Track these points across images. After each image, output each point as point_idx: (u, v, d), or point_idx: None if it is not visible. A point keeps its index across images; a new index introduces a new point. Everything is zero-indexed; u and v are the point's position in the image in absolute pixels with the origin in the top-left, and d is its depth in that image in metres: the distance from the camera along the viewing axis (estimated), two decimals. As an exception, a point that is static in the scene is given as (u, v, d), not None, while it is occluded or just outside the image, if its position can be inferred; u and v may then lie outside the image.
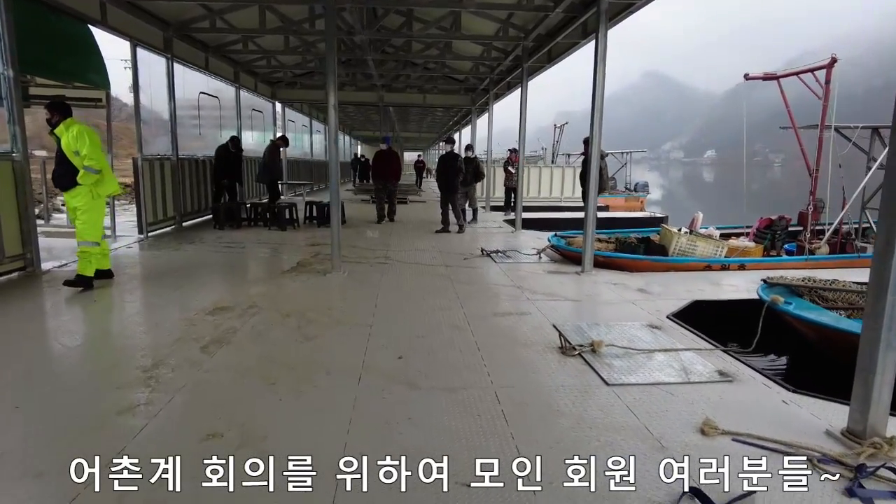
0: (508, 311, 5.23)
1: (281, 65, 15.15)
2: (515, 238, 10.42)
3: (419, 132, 36.54)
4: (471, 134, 18.29)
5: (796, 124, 8.36)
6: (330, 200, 6.80)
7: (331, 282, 6.43)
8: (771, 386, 3.59)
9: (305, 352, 4.04)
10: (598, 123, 6.87)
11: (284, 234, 10.28)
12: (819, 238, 8.08)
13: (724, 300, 5.89)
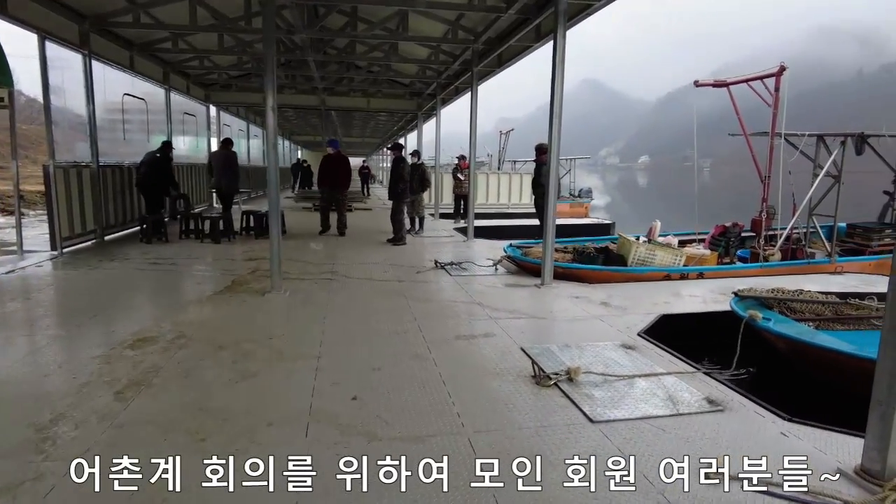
0: (472, 334, 4.79)
1: (215, 66, 14.23)
2: (468, 248, 10.02)
3: (362, 137, 35.83)
4: (417, 139, 17.86)
5: (747, 131, 8.36)
6: (269, 209, 6.18)
7: (271, 304, 5.80)
8: (764, 415, 3.29)
9: (242, 395, 3.45)
10: (556, 130, 6.56)
11: (219, 248, 9.49)
12: (771, 244, 8.09)
13: (691, 313, 5.68)
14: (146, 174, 10.24)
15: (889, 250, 8.69)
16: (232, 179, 10.93)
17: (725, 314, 5.58)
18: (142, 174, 10.30)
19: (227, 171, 10.84)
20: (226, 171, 10.84)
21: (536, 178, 9.76)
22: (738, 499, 2.46)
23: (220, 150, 11.21)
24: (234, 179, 10.99)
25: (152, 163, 10.23)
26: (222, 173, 10.81)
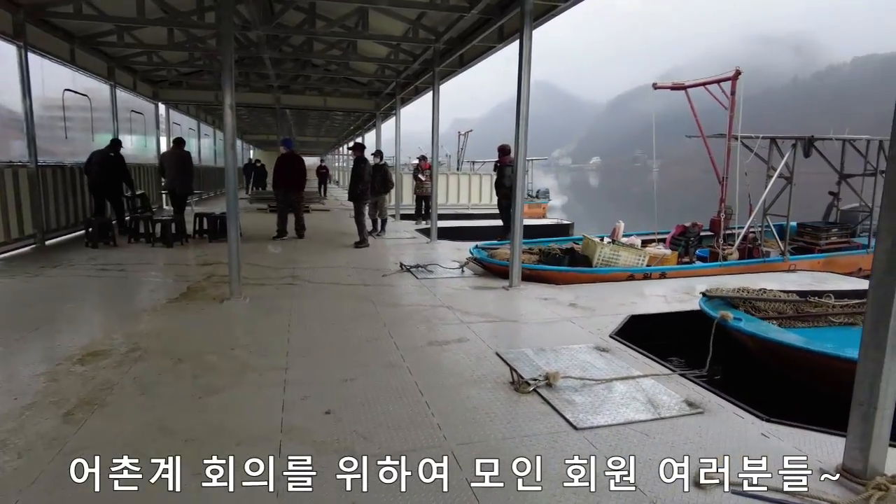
0: (445, 339, 4.67)
1: (164, 62, 13.61)
2: (433, 250, 9.90)
3: (318, 137, 35.19)
4: (376, 139, 17.63)
5: (704, 133, 8.55)
6: (227, 211, 5.89)
7: (231, 311, 5.52)
8: (743, 416, 3.31)
9: (206, 413, 3.22)
10: (523, 131, 6.52)
11: (171, 252, 9.05)
12: (729, 244, 8.30)
13: (659, 313, 5.72)
14: (99, 174, 9.77)
15: (835, 248, 9.08)
16: (186, 180, 10.49)
17: (692, 314, 5.67)
18: (94, 174, 9.80)
19: (180, 172, 10.39)
20: (179, 172, 10.38)
21: (500, 179, 9.76)
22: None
23: (173, 149, 10.74)
24: (188, 180, 10.56)
25: (105, 162, 9.79)
26: (175, 174, 10.35)
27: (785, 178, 8.24)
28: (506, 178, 9.69)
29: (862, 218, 9.44)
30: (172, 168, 10.35)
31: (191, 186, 10.70)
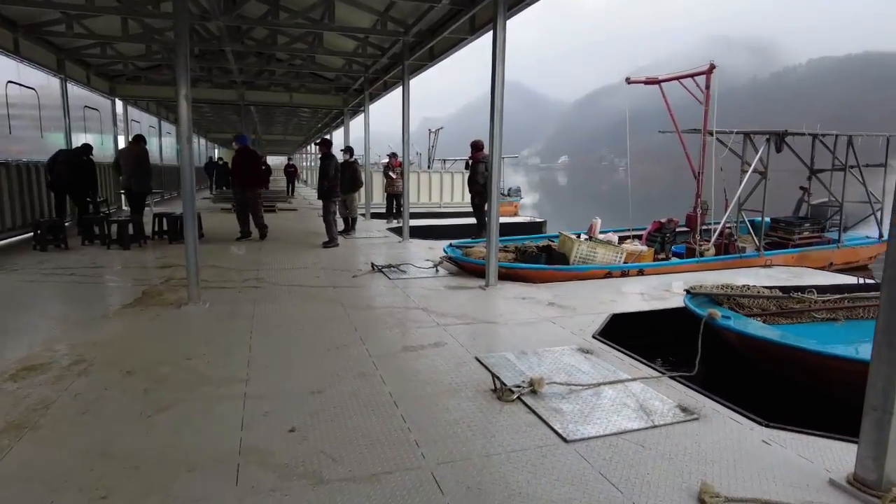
0: (421, 343, 4.38)
1: (120, 55, 12.93)
2: (405, 249, 9.59)
3: (285, 135, 34.38)
4: (344, 136, 17.19)
5: (679, 128, 8.46)
6: (184, 211, 5.48)
7: (188, 317, 5.13)
8: (741, 421, 3.11)
9: (156, 434, 2.87)
10: (497, 126, 6.27)
11: (128, 255, 8.54)
12: (706, 239, 8.22)
13: (641, 312, 5.54)
14: (66, 174, 9.49)
15: (808, 243, 9.10)
16: (143, 178, 9.93)
17: (674, 311, 5.52)
18: (60, 174, 9.50)
19: (137, 170, 9.84)
20: (136, 170, 9.83)
21: (473, 176, 9.51)
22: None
23: (130, 146, 10.21)
24: (146, 178, 10.00)
25: (74, 163, 9.59)
26: (132, 172, 9.80)
27: (759, 173, 8.20)
28: (479, 174, 9.46)
29: (832, 213, 9.50)
30: (129, 165, 9.80)
31: (148, 185, 10.14)
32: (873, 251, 9.82)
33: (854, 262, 9.54)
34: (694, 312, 4.68)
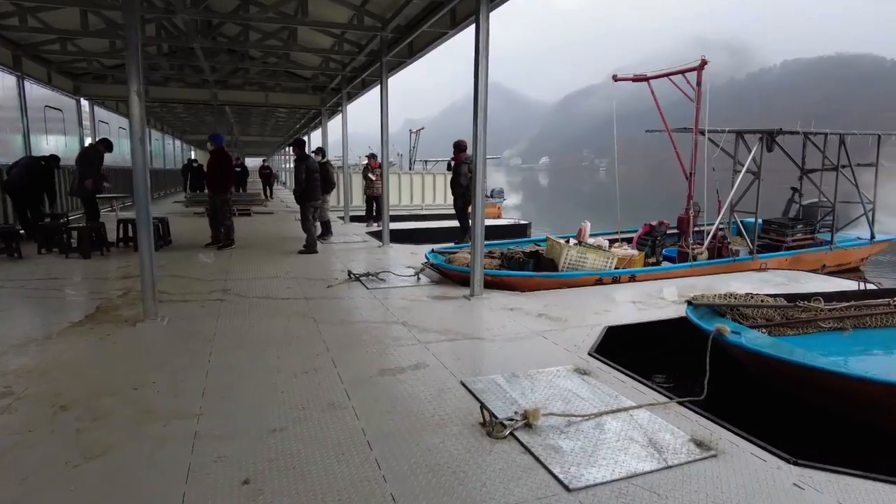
0: (399, 366, 3.93)
1: (83, 51, 12.26)
2: (384, 254, 9.13)
3: (262, 136, 33.64)
4: (322, 137, 16.66)
5: (669, 127, 8.13)
6: (137, 216, 4.97)
7: (142, 337, 4.62)
8: (766, 458, 2.73)
9: (81, 490, 2.39)
10: (481, 123, 5.85)
11: (89, 264, 7.96)
12: (699, 243, 7.89)
13: (638, 323, 5.15)
14: (21, 175, 9.27)
15: (801, 246, 8.84)
16: (78, 181, 9.26)
17: (673, 322, 5.16)
18: (16, 175, 9.27)
19: (79, 171, 9.24)
20: (79, 172, 9.23)
21: (455, 177, 9.08)
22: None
23: (84, 148, 9.68)
24: (79, 181, 9.24)
25: (32, 167, 9.50)
26: (78, 173, 9.26)
27: (752, 174, 7.90)
28: (462, 176, 9.03)
29: (824, 214, 9.26)
30: (79, 167, 9.26)
31: (81, 188, 9.22)
32: (865, 252, 9.62)
33: (846, 264, 9.31)
34: (699, 327, 4.30)
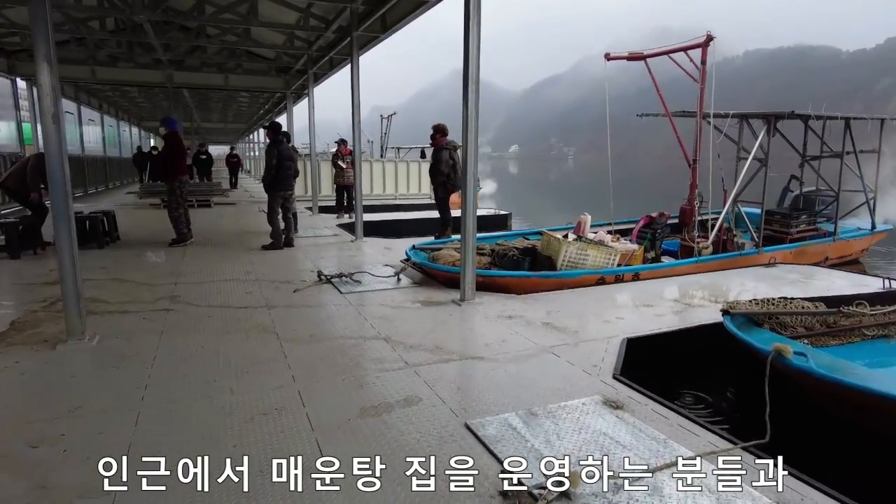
0: (385, 400, 3.13)
1: (16, 26, 10.96)
2: (358, 250, 8.26)
3: (224, 122, 32.12)
4: (287, 123, 15.58)
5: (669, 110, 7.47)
6: (53, 212, 4.00)
7: (60, 365, 3.70)
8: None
9: None
10: (473, 100, 5.06)
11: (16, 266, 6.91)
12: (703, 236, 7.26)
13: (659, 333, 4.45)
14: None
15: (805, 237, 8.32)
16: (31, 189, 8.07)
17: (699, 331, 4.50)
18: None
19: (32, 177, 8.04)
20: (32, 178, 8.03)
21: (435, 164, 8.25)
22: None
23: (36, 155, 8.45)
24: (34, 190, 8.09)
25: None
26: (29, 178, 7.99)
27: (758, 161, 7.30)
28: (442, 163, 8.20)
29: (828, 203, 8.75)
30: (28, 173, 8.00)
31: (34, 200, 8.08)
32: (866, 243, 9.19)
33: (848, 256, 8.86)
34: (749, 346, 3.59)
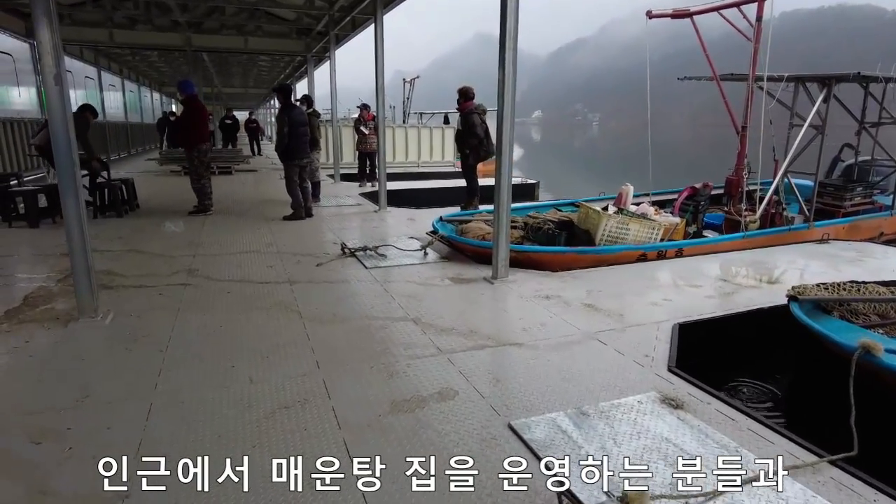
0: (419, 393, 2.84)
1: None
2: (382, 221, 7.95)
3: (245, 87, 31.69)
4: (308, 87, 15.16)
5: (717, 73, 6.89)
6: (59, 182, 3.73)
7: (71, 345, 3.48)
8: None
9: None
10: (510, 62, 4.62)
11: (33, 236, 6.76)
12: (750, 208, 6.77)
13: (712, 318, 4.07)
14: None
15: (859, 211, 7.75)
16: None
17: (755, 315, 4.11)
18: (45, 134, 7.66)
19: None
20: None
21: (466, 129, 7.80)
22: None
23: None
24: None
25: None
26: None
27: (814, 128, 6.72)
28: (477, 126, 7.72)
29: (886, 174, 8.11)
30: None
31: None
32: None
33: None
34: (829, 340, 3.20)
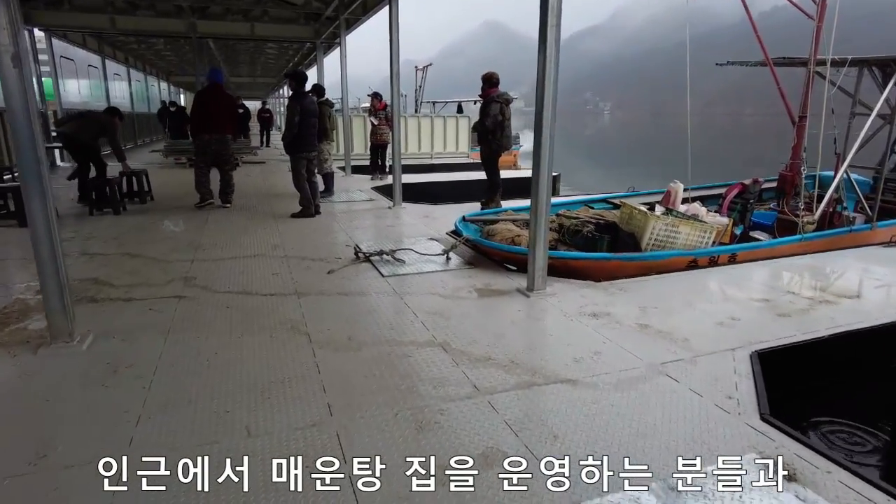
0: (456, 452, 2.23)
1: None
2: (397, 219, 7.35)
3: (253, 76, 31.06)
4: (318, 75, 14.55)
5: (770, 57, 6.20)
6: (21, 181, 3.15)
7: (36, 379, 2.91)
8: None
9: None
10: (552, 44, 4.00)
11: (20, 235, 6.21)
12: (809, 210, 6.10)
13: (794, 345, 3.44)
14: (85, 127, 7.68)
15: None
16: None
17: (847, 338, 3.49)
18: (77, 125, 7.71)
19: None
20: None
21: (484, 119, 7.17)
22: None
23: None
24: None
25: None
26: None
27: (881, 117, 6.03)
28: (488, 116, 7.11)
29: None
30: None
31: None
32: None
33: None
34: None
